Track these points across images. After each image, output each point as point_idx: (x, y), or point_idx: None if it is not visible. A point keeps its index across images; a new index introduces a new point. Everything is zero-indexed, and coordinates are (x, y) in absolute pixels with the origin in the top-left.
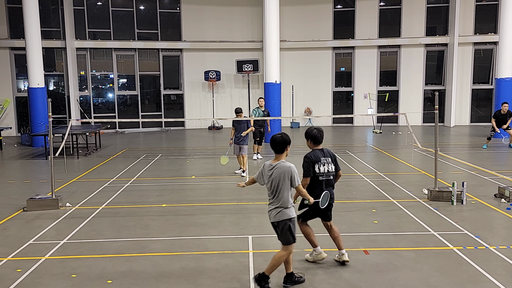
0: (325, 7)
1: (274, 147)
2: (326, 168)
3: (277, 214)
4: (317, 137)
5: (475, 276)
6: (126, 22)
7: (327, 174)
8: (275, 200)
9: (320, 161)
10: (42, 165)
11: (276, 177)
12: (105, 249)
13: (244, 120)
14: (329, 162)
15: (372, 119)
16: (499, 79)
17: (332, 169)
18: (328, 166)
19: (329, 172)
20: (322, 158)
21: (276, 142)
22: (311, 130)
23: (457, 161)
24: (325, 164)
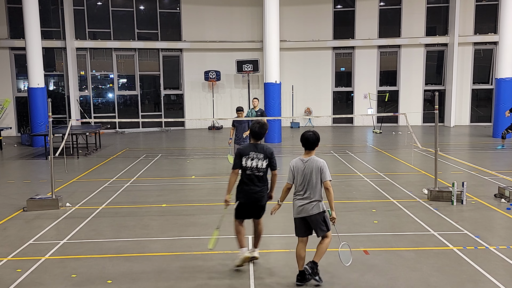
0: (325, 7)
1: (307, 144)
2: (255, 163)
3: (313, 208)
4: (255, 132)
5: (475, 276)
6: (126, 22)
7: (255, 169)
8: (309, 194)
9: (249, 155)
10: (42, 165)
11: (309, 171)
12: (105, 249)
13: (245, 119)
14: (260, 158)
15: (372, 119)
16: (499, 79)
17: (262, 165)
18: (257, 161)
19: (258, 168)
20: (252, 153)
21: (310, 140)
22: (254, 125)
23: (457, 161)
24: (254, 159)
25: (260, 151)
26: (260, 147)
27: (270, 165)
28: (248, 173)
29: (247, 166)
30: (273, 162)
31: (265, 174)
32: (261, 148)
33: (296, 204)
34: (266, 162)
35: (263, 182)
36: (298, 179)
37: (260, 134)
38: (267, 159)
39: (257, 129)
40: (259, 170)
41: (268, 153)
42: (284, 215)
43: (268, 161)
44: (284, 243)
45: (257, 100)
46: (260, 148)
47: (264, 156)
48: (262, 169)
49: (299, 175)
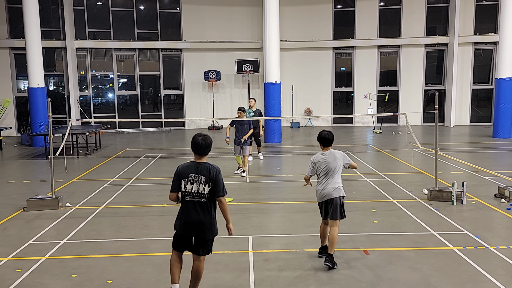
0: (325, 7)
1: (325, 141)
2: (195, 188)
3: (335, 190)
4: (198, 144)
5: (475, 276)
6: (126, 22)
7: (196, 195)
8: (330, 181)
9: (188, 178)
10: (42, 165)
11: (332, 159)
12: (105, 249)
13: (246, 120)
14: (201, 182)
15: (372, 119)
16: (499, 79)
17: (203, 190)
18: (198, 185)
19: (199, 194)
20: (192, 175)
21: (327, 138)
22: (195, 137)
23: (457, 161)
24: (194, 182)
25: (201, 172)
26: (203, 168)
27: (215, 190)
28: (187, 200)
29: (186, 191)
30: (218, 187)
31: (209, 201)
32: (204, 169)
33: (319, 189)
34: (209, 186)
35: (207, 210)
36: (321, 168)
37: (202, 147)
38: (210, 183)
39: (199, 141)
40: (200, 195)
41: (212, 175)
42: (284, 215)
43: (212, 186)
44: (284, 243)
45: (254, 100)
46: (203, 169)
47: (207, 179)
48: (204, 194)
49: (322, 164)
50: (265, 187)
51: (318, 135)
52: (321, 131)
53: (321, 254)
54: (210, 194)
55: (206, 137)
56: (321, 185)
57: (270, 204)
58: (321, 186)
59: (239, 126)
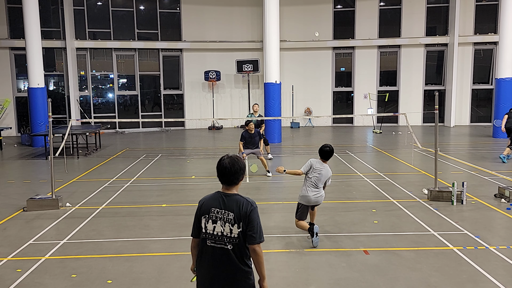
0: (325, 7)
1: (325, 155)
2: (219, 229)
3: (320, 197)
4: (224, 169)
5: (475, 276)
6: (126, 22)
7: (219, 239)
8: (319, 190)
9: (209, 214)
10: (42, 165)
11: (325, 175)
12: (105, 249)
13: (255, 131)
14: (226, 220)
15: (372, 119)
16: (499, 79)
17: (230, 231)
18: (222, 225)
19: (224, 237)
20: (214, 209)
21: (328, 152)
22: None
23: (457, 161)
24: (217, 220)
25: (228, 207)
26: (232, 201)
27: (246, 234)
28: (208, 244)
29: (207, 232)
30: (252, 229)
31: (239, 248)
32: (233, 203)
33: (310, 195)
34: (239, 228)
35: (238, 262)
36: (315, 175)
37: (229, 173)
38: (241, 223)
39: (225, 164)
40: (226, 240)
41: (243, 212)
42: (284, 215)
43: (242, 226)
44: (284, 243)
45: (258, 106)
46: (231, 203)
47: (236, 218)
48: (231, 238)
49: (317, 173)
50: (265, 187)
51: (320, 149)
52: (323, 146)
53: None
54: (242, 239)
55: (235, 160)
56: (309, 191)
57: (270, 204)
58: (310, 193)
59: (249, 139)
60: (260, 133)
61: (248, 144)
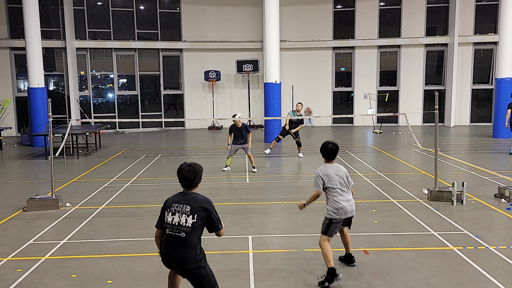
0: (325, 7)
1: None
2: (177, 219)
3: (353, 204)
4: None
5: (475, 276)
6: (126, 22)
7: (175, 228)
8: (349, 195)
9: (171, 208)
10: (42, 165)
11: (343, 175)
12: (105, 249)
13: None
14: (183, 212)
15: (372, 119)
16: (499, 79)
17: (185, 222)
18: (179, 216)
19: (180, 226)
20: (175, 204)
21: (332, 151)
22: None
23: (457, 161)
24: (176, 213)
25: (186, 202)
26: (190, 197)
27: (208, 224)
28: (167, 232)
29: (168, 222)
30: (211, 220)
31: (192, 237)
32: (191, 198)
33: (340, 207)
34: (194, 219)
35: (189, 247)
36: (335, 182)
37: (190, 180)
38: (195, 215)
39: (185, 173)
40: (180, 229)
41: (198, 207)
42: (284, 215)
43: (197, 218)
44: (284, 243)
45: (301, 105)
46: (189, 198)
47: (191, 210)
48: (185, 227)
49: (335, 179)
50: (265, 187)
51: (323, 148)
52: (326, 143)
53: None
54: (193, 228)
55: (192, 168)
56: (342, 199)
57: (270, 204)
58: (343, 202)
59: (236, 132)
60: (247, 128)
61: (236, 138)
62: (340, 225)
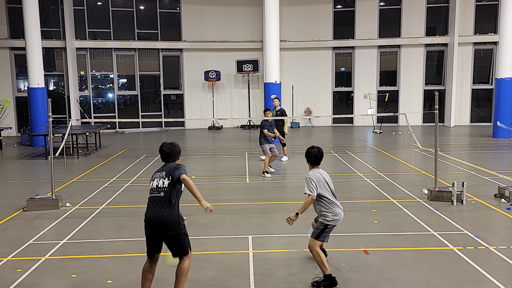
0: (325, 7)
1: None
2: (156, 183)
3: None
4: (162, 152)
5: (475, 276)
6: (126, 22)
7: (155, 190)
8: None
9: (153, 176)
10: (42, 165)
11: (330, 180)
12: (105, 249)
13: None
14: (161, 176)
15: (372, 119)
16: (499, 79)
17: (162, 183)
18: (158, 180)
19: (158, 188)
20: (157, 173)
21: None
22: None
23: (457, 161)
24: (155, 178)
25: (164, 169)
26: (167, 166)
27: (173, 176)
28: (150, 197)
29: (151, 188)
30: (177, 171)
31: (169, 196)
32: (167, 166)
33: (338, 213)
34: (169, 180)
35: (168, 205)
36: (327, 189)
37: (166, 154)
38: (169, 176)
39: (167, 149)
40: (159, 190)
41: (172, 168)
42: (285, 215)
43: (171, 178)
44: (284, 243)
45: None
46: (166, 167)
47: (167, 173)
48: (163, 188)
49: (326, 185)
50: (265, 187)
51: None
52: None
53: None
54: (170, 188)
55: (172, 146)
56: (335, 206)
57: (270, 204)
58: (335, 209)
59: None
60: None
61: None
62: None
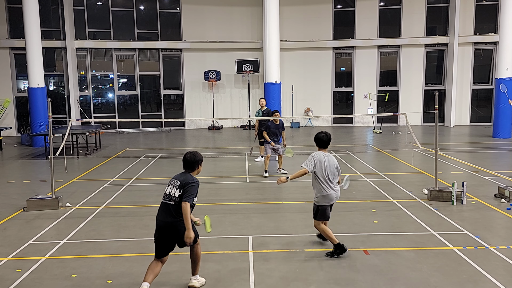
0: (325, 7)
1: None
2: (168, 190)
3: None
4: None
5: (475, 276)
6: (126, 22)
7: (167, 197)
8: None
9: (170, 181)
10: (42, 165)
11: (333, 163)
12: (105, 249)
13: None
14: (175, 185)
15: (372, 119)
16: (499, 79)
17: (174, 193)
18: (171, 188)
19: (170, 196)
20: (173, 180)
21: (325, 140)
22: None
23: (457, 161)
24: (170, 185)
25: (177, 178)
26: (184, 176)
27: (183, 195)
28: (162, 201)
29: (164, 193)
30: (186, 193)
31: (179, 206)
32: (181, 176)
33: (331, 192)
34: (180, 192)
35: (176, 214)
36: (325, 170)
37: (190, 164)
38: (181, 189)
39: (188, 157)
40: (170, 198)
41: (186, 182)
42: (285, 215)
43: (182, 191)
44: (284, 243)
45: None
46: (181, 176)
47: (180, 184)
48: (174, 197)
49: (325, 166)
50: (265, 187)
51: (317, 138)
52: (318, 133)
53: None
54: (179, 200)
55: (194, 155)
56: (330, 186)
57: (270, 204)
58: (330, 190)
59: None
60: (283, 126)
61: (271, 137)
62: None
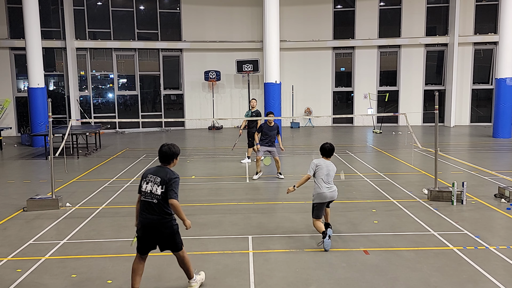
0: (325, 7)
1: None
2: (149, 188)
3: (334, 192)
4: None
5: (475, 276)
6: (126, 22)
7: (149, 195)
8: (331, 185)
9: (147, 178)
10: (42, 165)
11: (332, 170)
12: (105, 249)
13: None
14: (156, 182)
15: (372, 119)
16: (499, 79)
17: (156, 191)
18: (152, 186)
19: (152, 194)
20: (150, 175)
21: (328, 150)
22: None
23: (457, 161)
24: (149, 182)
25: (157, 173)
26: (159, 170)
27: (167, 192)
28: (142, 199)
29: (143, 190)
30: (171, 190)
31: (163, 203)
32: (161, 171)
33: (324, 191)
34: (163, 189)
35: (161, 211)
36: (323, 172)
37: (164, 156)
38: (164, 185)
39: (166, 149)
40: (152, 196)
41: (168, 178)
42: (285, 215)
43: (165, 188)
44: (284, 243)
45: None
46: (160, 171)
47: (162, 181)
48: (156, 195)
49: (324, 170)
50: (265, 187)
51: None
52: (323, 144)
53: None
54: (163, 197)
55: (171, 147)
56: (323, 188)
57: (270, 204)
58: (324, 189)
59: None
60: (279, 128)
61: (265, 138)
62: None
